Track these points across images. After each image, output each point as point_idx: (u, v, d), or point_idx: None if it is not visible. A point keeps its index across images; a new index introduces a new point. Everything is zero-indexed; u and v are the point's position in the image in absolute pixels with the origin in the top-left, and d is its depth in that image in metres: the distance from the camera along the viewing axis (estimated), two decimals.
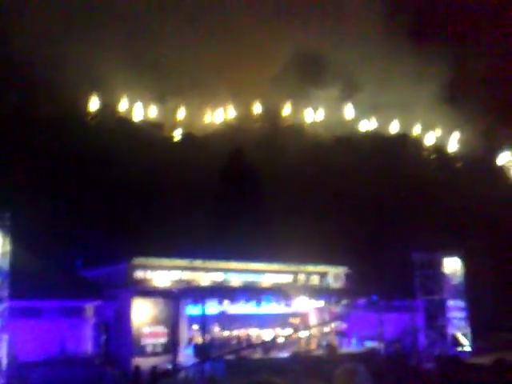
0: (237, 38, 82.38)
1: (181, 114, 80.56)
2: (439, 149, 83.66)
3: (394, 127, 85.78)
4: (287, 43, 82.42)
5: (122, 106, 76.19)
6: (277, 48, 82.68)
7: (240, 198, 51.41)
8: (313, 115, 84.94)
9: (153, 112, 79.12)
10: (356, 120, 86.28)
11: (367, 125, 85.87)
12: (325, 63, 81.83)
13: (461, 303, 32.89)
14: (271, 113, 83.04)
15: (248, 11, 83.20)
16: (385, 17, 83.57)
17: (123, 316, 28.29)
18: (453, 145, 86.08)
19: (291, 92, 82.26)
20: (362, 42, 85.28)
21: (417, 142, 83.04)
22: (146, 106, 78.57)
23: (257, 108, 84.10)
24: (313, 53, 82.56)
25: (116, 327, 28.41)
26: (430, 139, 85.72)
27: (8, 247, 21.69)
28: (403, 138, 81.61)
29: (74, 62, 62.04)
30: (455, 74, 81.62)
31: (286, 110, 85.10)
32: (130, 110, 77.12)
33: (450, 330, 31.97)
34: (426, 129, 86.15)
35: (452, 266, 33.50)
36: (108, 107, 73.45)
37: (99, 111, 72.58)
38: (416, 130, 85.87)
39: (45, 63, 57.63)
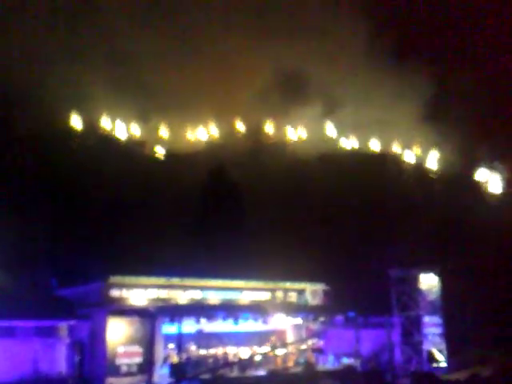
0: (219, 55, 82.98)
1: (163, 131, 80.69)
2: (418, 166, 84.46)
3: (375, 145, 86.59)
4: (269, 61, 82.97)
5: (104, 123, 76.21)
6: (259, 66, 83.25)
7: (220, 215, 51.47)
8: (295, 133, 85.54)
9: (135, 130, 79.15)
10: (338, 138, 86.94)
11: (348, 143, 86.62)
12: (306, 81, 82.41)
13: (437, 319, 33.09)
14: (254, 130, 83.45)
15: (230, 30, 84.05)
16: (367, 35, 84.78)
17: (98, 335, 28.06)
18: (432, 162, 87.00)
19: (273, 109, 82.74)
20: (344, 61, 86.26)
21: (396, 160, 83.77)
22: (128, 124, 78.60)
23: (239, 126, 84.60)
24: (295, 71, 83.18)
25: (90, 347, 28.16)
26: (409, 156, 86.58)
27: None
28: (383, 156, 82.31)
29: (54, 80, 61.90)
30: (435, 91, 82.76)
31: (269, 127, 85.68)
32: (112, 128, 77.10)
33: (426, 346, 32.14)
34: (405, 146, 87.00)
35: (428, 282, 33.76)
36: (90, 125, 73.36)
37: (81, 129, 72.49)
38: (396, 148, 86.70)
39: (24, 81, 57.48)
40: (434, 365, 31.58)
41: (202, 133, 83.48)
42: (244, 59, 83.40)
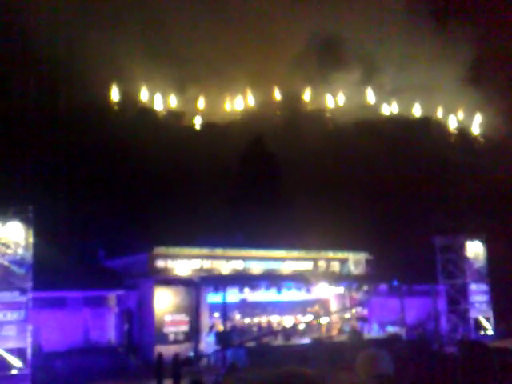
0: (253, 23, 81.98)
1: (201, 102, 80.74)
2: (462, 131, 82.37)
3: (417, 110, 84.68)
4: (305, 26, 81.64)
5: (143, 95, 76.66)
6: (294, 32, 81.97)
7: (260, 185, 51.44)
8: (333, 100, 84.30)
9: (173, 101, 79.42)
10: (378, 104, 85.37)
11: (389, 109, 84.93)
12: (344, 46, 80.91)
13: (483, 287, 32.55)
14: (291, 99, 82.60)
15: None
16: None
17: (145, 305, 28.67)
18: (476, 127, 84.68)
19: (311, 77, 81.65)
20: (382, 24, 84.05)
21: (439, 125, 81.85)
22: (166, 96, 78.90)
23: (277, 94, 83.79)
24: (331, 35, 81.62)
25: (138, 316, 28.84)
26: (452, 122, 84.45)
27: (31, 239, 22.12)
28: (426, 121, 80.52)
29: (93, 54, 62.45)
30: (478, 54, 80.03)
31: (306, 95, 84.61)
32: (150, 100, 77.55)
33: (473, 314, 31.71)
34: (448, 111, 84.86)
35: (474, 249, 33.14)
36: (129, 97, 73.96)
37: (120, 101, 73.16)
38: (439, 113, 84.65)
39: (64, 55, 58.13)
40: (481, 333, 31.19)
41: (239, 102, 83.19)
42: (279, 26, 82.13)
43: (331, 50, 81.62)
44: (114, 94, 73.50)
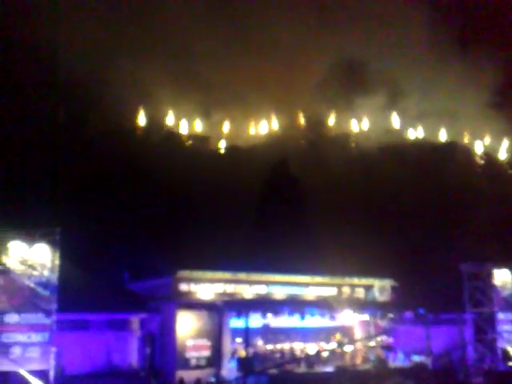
0: (277, 48, 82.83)
1: (226, 126, 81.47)
2: (489, 157, 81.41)
3: (442, 135, 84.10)
4: (328, 51, 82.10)
5: (169, 120, 77.73)
6: (318, 57, 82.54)
7: (284, 209, 51.39)
8: (358, 124, 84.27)
9: (198, 126, 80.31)
10: (403, 129, 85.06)
11: (414, 133, 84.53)
12: (368, 71, 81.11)
13: (511, 316, 31.75)
14: (315, 123, 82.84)
15: (290, 22, 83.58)
16: (431, 21, 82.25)
17: (168, 328, 28.63)
18: (503, 153, 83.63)
19: (335, 101, 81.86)
20: (407, 48, 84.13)
21: (466, 150, 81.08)
22: (191, 121, 79.86)
23: (301, 118, 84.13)
24: (356, 60, 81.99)
25: (161, 340, 28.77)
26: (479, 147, 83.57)
27: (57, 261, 22.34)
28: (451, 147, 79.86)
29: (120, 79, 63.68)
30: (504, 79, 79.44)
31: (331, 119, 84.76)
32: (176, 125, 78.55)
33: (501, 344, 30.90)
34: (475, 137, 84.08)
35: (502, 277, 32.43)
36: (155, 122, 75.05)
37: (147, 126, 74.25)
38: (465, 138, 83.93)
39: (92, 81, 59.36)
40: (510, 363, 30.34)
41: (263, 127, 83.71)
42: (304, 51, 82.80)
43: (355, 75, 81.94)
44: (141, 119, 74.68)
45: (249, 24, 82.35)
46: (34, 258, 22.15)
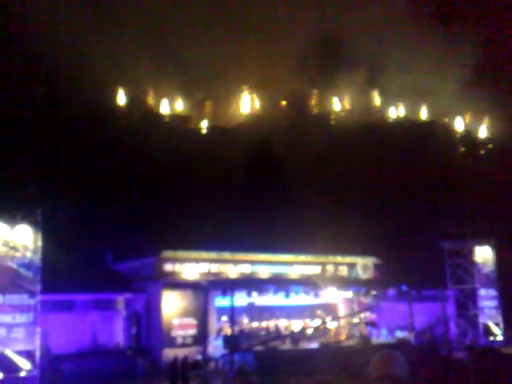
0: (255, 26, 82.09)
1: (207, 106, 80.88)
2: (469, 134, 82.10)
3: (423, 113, 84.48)
4: (307, 28, 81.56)
5: (149, 99, 76.88)
6: (297, 34, 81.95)
7: (267, 188, 51.37)
8: (340, 103, 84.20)
9: (179, 105, 79.61)
10: (383, 107, 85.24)
11: (395, 112, 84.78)
12: (348, 48, 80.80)
13: (492, 292, 32.35)
14: (297, 101, 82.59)
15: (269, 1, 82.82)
16: None
17: (153, 308, 28.65)
18: (483, 130, 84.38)
19: (316, 79, 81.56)
20: (385, 25, 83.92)
21: (446, 128, 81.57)
22: (172, 100, 79.11)
23: (282, 97, 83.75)
24: (336, 37, 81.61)
25: (146, 319, 28.81)
26: (459, 125, 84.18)
27: (39, 243, 22.15)
28: (432, 125, 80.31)
29: (98, 59, 62.69)
30: (482, 56, 79.61)
31: (312, 98, 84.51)
32: (157, 104, 77.77)
33: (482, 320, 31.51)
34: (455, 114, 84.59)
35: (483, 254, 32.96)
36: (135, 101, 74.19)
37: (127, 105, 73.38)
38: (445, 116, 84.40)
39: (70, 60, 58.34)
40: (491, 338, 30.98)
41: (246, 106, 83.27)
42: (282, 28, 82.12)
43: (335, 52, 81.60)
44: (121, 98, 73.75)
45: (228, 1, 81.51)
46: (16, 240, 21.90)
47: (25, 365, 20.75)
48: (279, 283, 30.55)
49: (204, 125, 78.45)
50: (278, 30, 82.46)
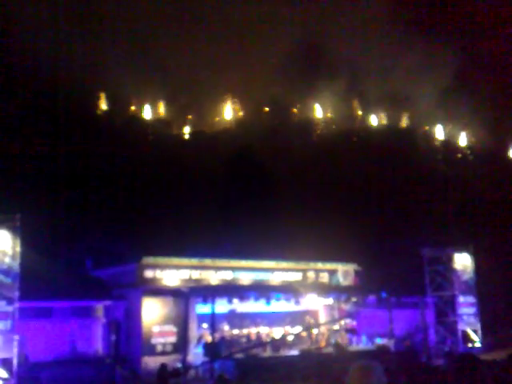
0: (236, 31, 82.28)
1: (190, 112, 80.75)
2: (449, 142, 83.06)
3: (403, 121, 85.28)
4: (289, 34, 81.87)
5: (131, 105, 76.58)
6: (279, 39, 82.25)
7: (249, 195, 51.40)
8: (322, 110, 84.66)
9: (162, 110, 79.39)
10: (365, 114, 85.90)
11: (376, 119, 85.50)
12: (328, 54, 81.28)
13: (471, 299, 32.67)
14: (279, 108, 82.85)
15: (248, 6, 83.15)
16: (390, 6, 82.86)
17: (133, 315, 28.41)
18: (463, 138, 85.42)
19: (298, 86, 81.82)
20: (365, 33, 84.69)
21: (426, 136, 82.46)
22: (155, 105, 78.86)
23: (265, 104, 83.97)
24: (316, 43, 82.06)
25: (126, 327, 28.55)
26: (439, 133, 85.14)
27: (18, 248, 21.86)
28: (412, 132, 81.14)
29: (80, 63, 62.32)
30: (462, 63, 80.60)
31: (295, 105, 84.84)
32: (139, 109, 77.44)
33: (461, 327, 31.80)
34: (435, 122, 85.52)
35: (462, 261, 33.28)
36: (117, 106, 73.81)
37: (108, 110, 72.97)
38: (425, 124, 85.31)
39: (52, 65, 57.87)
40: (469, 345, 31.26)
41: (228, 111, 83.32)
42: (264, 33, 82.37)
43: (315, 58, 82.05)
44: (103, 103, 73.32)
45: (207, 7, 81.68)
46: None
47: (2, 373, 20.43)
48: (260, 290, 30.50)
49: (186, 130, 78.33)
50: (259, 35, 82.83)
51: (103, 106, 73.30)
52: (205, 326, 29.47)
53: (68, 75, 58.81)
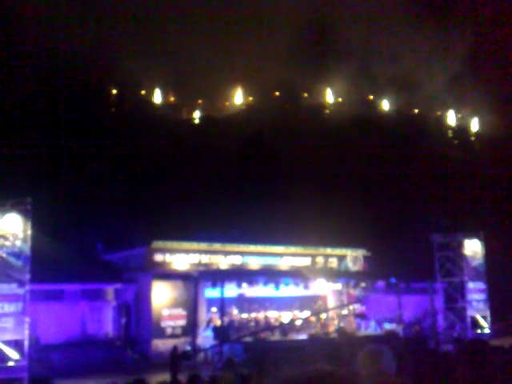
0: (250, 16, 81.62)
1: (200, 96, 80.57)
2: (461, 128, 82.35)
3: (415, 106, 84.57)
4: (299, 14, 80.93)
5: (142, 89, 76.52)
6: (288, 21, 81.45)
7: (259, 180, 51.37)
8: (333, 95, 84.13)
9: (172, 95, 79.28)
10: (375, 99, 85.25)
11: (387, 104, 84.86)
12: (338, 36, 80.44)
13: (481, 285, 32.59)
14: (290, 92, 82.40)
15: None
16: None
17: (143, 299, 28.65)
18: (475, 124, 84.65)
19: (308, 69, 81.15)
20: (377, 14, 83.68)
21: (438, 121, 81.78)
22: (165, 89, 78.75)
23: (275, 88, 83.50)
24: (327, 27, 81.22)
25: (136, 310, 28.80)
26: (451, 118, 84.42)
27: (29, 232, 22.04)
28: (424, 118, 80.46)
29: (92, 47, 62.23)
30: (474, 47, 79.47)
31: (306, 89, 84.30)
32: (149, 94, 77.39)
33: (470, 313, 31.77)
34: (447, 107, 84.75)
35: (472, 247, 33.17)
36: (128, 91, 73.77)
37: (119, 94, 72.97)
38: (437, 109, 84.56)
39: (61, 50, 57.87)
40: (478, 331, 31.25)
41: (238, 96, 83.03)
42: (274, 15, 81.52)
43: (325, 41, 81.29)
44: (113, 87, 73.33)
45: None
46: (5, 228, 21.78)
47: (13, 354, 20.70)
48: (269, 275, 30.62)
49: (196, 115, 78.23)
50: (270, 19, 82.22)
51: (113, 89, 73.31)
52: (214, 309, 29.66)
53: (75, 60, 58.81)
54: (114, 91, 73.47)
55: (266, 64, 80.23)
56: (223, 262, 31.41)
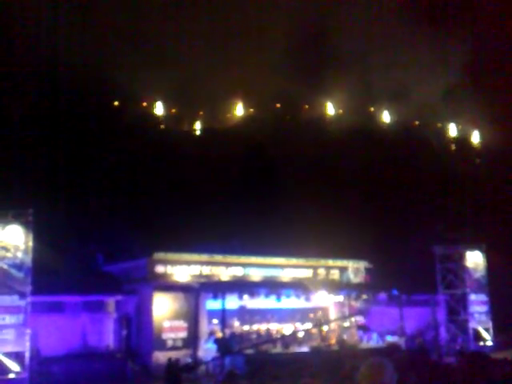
0: (250, 28, 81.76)
1: (201, 108, 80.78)
2: (462, 140, 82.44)
3: (415, 118, 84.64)
4: (298, 28, 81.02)
5: (143, 101, 76.76)
6: (285, 30, 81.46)
7: (260, 191, 51.40)
8: (333, 107, 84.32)
9: (173, 107, 79.48)
10: (376, 110, 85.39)
11: (387, 115, 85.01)
12: (335, 46, 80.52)
13: (483, 297, 32.50)
14: (291, 104, 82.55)
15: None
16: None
17: (144, 310, 28.56)
18: (476, 136, 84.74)
19: (307, 80, 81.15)
20: (375, 24, 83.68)
21: (439, 133, 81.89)
22: (166, 101, 78.96)
23: (276, 100, 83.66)
24: (324, 39, 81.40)
25: (137, 321, 28.71)
26: (452, 130, 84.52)
27: (30, 243, 22.07)
28: (424, 129, 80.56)
29: (91, 59, 62.52)
30: (474, 58, 79.53)
31: (306, 101, 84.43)
32: (150, 105, 77.61)
33: (472, 325, 31.66)
34: (448, 119, 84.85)
35: (474, 259, 33.13)
36: (129, 102, 74.00)
37: (120, 106, 73.23)
38: (438, 121, 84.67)
39: (63, 62, 58.14)
40: (481, 343, 31.12)
41: (239, 107, 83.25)
42: (271, 27, 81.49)
43: (323, 51, 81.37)
44: (115, 100, 73.58)
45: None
46: (6, 240, 21.83)
47: (14, 367, 20.65)
48: (271, 286, 30.56)
49: (197, 126, 78.42)
50: (269, 31, 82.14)
51: (115, 101, 73.57)
52: (215, 321, 29.57)
53: (72, 70, 59.00)
54: (116, 103, 73.73)
55: (266, 76, 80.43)
56: (224, 274, 31.35)
